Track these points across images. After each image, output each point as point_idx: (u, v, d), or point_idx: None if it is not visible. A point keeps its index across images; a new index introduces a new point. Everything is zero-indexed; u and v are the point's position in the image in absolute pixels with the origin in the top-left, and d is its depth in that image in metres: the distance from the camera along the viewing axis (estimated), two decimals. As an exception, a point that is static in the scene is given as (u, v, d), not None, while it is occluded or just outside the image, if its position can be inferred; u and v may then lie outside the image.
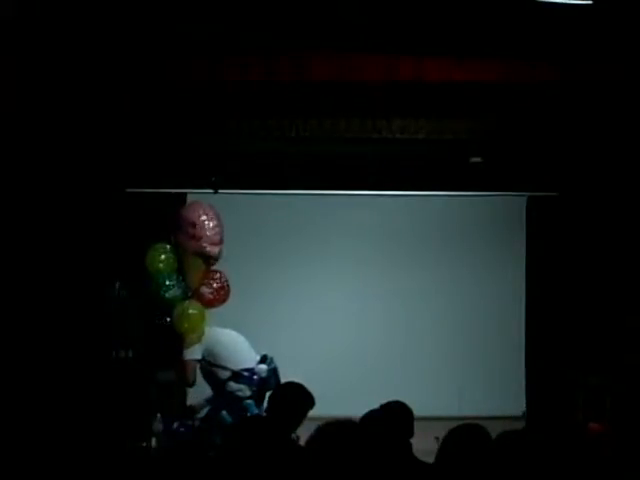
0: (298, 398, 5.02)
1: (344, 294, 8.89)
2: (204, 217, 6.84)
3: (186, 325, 6.72)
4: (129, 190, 8.34)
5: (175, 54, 6.89)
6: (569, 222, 8.60)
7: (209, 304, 6.90)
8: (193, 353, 6.70)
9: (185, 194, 8.58)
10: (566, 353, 8.45)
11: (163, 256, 6.81)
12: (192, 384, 6.84)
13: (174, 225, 6.92)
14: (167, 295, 6.77)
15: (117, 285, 7.96)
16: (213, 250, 6.87)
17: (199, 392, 6.93)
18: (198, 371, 6.76)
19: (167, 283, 6.77)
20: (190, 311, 6.76)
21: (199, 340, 6.72)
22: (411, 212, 9.00)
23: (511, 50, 6.80)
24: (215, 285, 6.93)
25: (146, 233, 7.68)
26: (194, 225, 6.78)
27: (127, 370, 7.82)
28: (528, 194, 8.90)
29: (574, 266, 8.54)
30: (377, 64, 7.00)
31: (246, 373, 6.54)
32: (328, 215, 8.95)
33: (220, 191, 8.52)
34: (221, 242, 6.94)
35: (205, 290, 6.87)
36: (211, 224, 6.85)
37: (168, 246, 6.86)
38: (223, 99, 7.47)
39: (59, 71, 6.76)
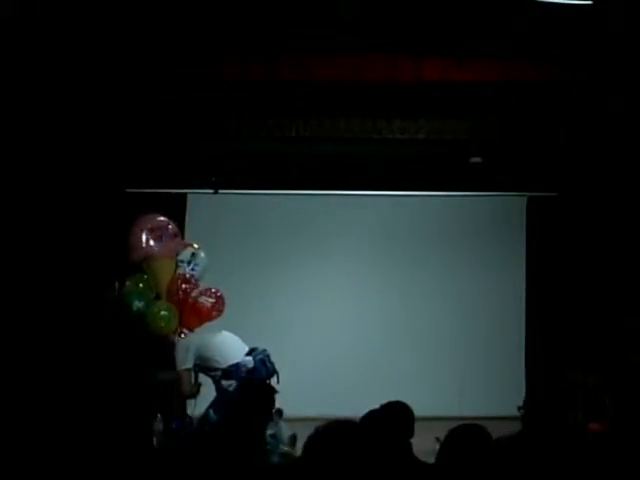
0: (259, 393, 5.09)
1: (344, 294, 8.89)
2: (166, 219, 7.27)
3: (162, 324, 7.09)
4: (129, 190, 8.34)
5: (175, 54, 6.89)
6: (569, 222, 8.60)
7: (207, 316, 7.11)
8: (184, 363, 6.82)
9: (185, 194, 8.59)
10: (566, 353, 8.45)
11: (141, 284, 7.18)
12: (192, 394, 6.90)
13: (153, 237, 7.05)
14: (132, 307, 7.12)
15: (116, 285, 7.96)
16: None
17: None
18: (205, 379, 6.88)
19: (135, 302, 7.13)
20: (162, 313, 7.09)
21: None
22: (411, 212, 9.00)
23: (511, 50, 6.79)
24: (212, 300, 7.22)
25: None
26: (168, 224, 7.18)
27: (127, 370, 7.82)
28: (528, 194, 8.91)
29: (574, 266, 8.54)
30: (377, 64, 6.99)
31: (233, 368, 6.65)
32: (328, 215, 8.95)
33: (220, 191, 8.52)
34: None
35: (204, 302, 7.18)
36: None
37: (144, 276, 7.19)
38: (223, 99, 7.47)
39: (59, 71, 6.75)
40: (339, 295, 8.88)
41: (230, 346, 6.84)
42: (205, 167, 8.43)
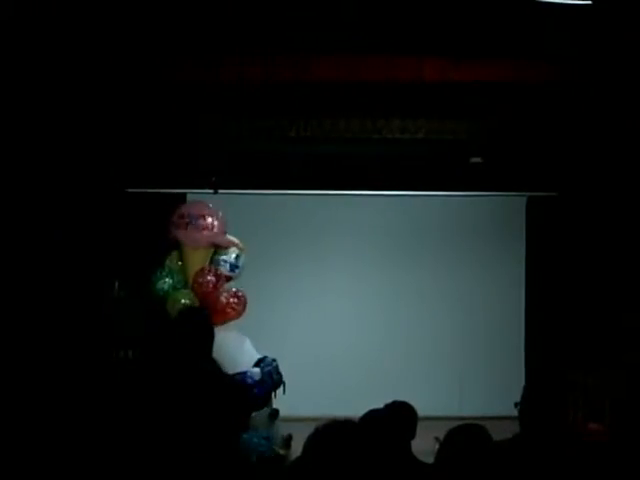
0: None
1: (344, 294, 8.90)
2: (209, 210, 7.03)
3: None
4: (129, 190, 8.34)
5: (175, 54, 6.89)
6: (569, 222, 8.60)
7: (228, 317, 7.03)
8: None
9: (185, 194, 8.58)
10: (565, 353, 8.45)
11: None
12: None
13: (179, 223, 6.95)
14: (157, 286, 6.84)
15: (117, 285, 7.97)
16: (224, 238, 7.02)
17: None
18: None
19: (162, 273, 6.86)
20: (183, 301, 6.82)
21: None
22: (411, 212, 9.00)
23: (511, 50, 6.80)
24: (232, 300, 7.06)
25: (146, 233, 7.68)
26: (204, 217, 6.92)
27: (127, 370, 7.82)
28: (528, 194, 8.91)
29: (573, 266, 8.54)
30: (377, 64, 7.00)
31: (239, 377, 6.57)
32: (328, 215, 8.95)
33: (220, 191, 8.52)
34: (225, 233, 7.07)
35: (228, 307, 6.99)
36: (218, 214, 7.03)
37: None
38: (223, 99, 7.48)
39: (59, 71, 6.76)
40: (338, 295, 8.88)
41: (239, 353, 6.73)
42: (205, 167, 8.43)
